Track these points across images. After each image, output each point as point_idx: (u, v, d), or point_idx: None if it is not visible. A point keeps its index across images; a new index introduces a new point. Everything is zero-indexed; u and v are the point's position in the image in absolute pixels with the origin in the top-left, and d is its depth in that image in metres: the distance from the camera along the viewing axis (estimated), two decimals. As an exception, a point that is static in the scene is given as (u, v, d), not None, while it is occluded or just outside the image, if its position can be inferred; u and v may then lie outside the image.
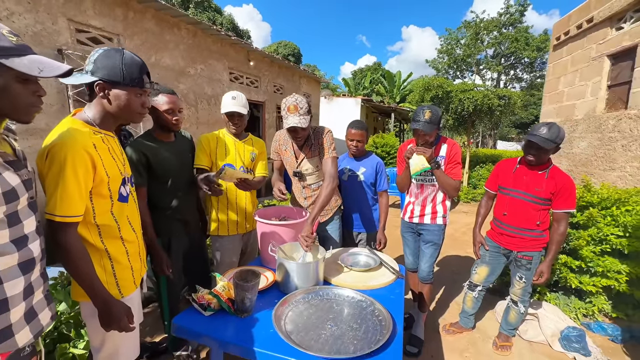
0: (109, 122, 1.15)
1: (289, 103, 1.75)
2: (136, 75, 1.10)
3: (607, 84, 4.00)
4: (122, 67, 1.07)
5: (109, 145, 1.14)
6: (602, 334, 2.42)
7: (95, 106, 1.12)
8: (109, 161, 1.11)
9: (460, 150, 2.09)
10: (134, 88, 1.11)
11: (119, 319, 1.09)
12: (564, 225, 1.94)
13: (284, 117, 1.78)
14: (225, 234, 1.97)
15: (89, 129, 1.09)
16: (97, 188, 1.07)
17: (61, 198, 0.96)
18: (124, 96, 1.10)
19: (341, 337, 1.18)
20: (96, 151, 1.05)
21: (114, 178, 1.12)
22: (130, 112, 1.14)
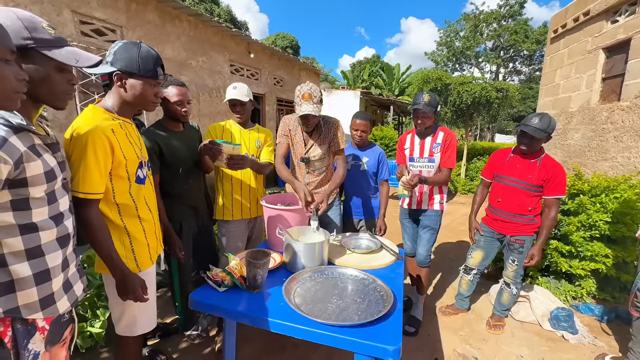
0: (125, 109, 1.26)
1: (303, 91, 1.79)
2: (151, 67, 1.20)
3: (601, 77, 4.08)
4: (139, 60, 1.17)
5: (126, 130, 1.25)
6: (590, 315, 2.56)
7: (114, 95, 1.23)
8: (127, 145, 1.21)
9: (455, 138, 2.22)
10: (148, 79, 1.21)
11: (134, 289, 1.19)
12: (555, 211, 2.05)
13: (297, 104, 1.83)
14: (230, 218, 2.04)
15: (108, 115, 1.19)
16: (115, 170, 1.18)
17: (83, 177, 1.07)
18: (139, 86, 1.20)
19: (346, 309, 1.29)
20: (114, 135, 1.16)
21: (131, 161, 1.23)
22: (144, 101, 1.24)
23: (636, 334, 1.92)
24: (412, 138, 2.30)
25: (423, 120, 2.13)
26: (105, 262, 1.16)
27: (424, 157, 2.23)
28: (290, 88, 7.87)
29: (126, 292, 1.19)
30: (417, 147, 2.26)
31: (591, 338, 2.28)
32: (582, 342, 2.24)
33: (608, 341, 2.29)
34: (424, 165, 2.24)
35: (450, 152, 2.17)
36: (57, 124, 3.10)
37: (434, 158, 2.21)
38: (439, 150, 2.19)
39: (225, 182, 2.04)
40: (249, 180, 2.08)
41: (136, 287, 1.20)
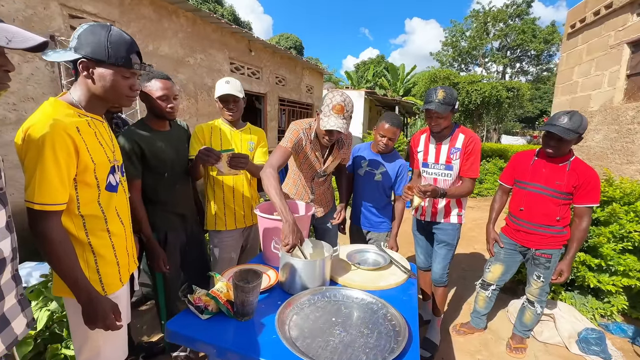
0: (95, 104, 1.06)
1: (335, 101, 1.52)
2: (123, 54, 1.00)
3: (626, 73, 3.80)
4: (108, 45, 0.97)
5: (95, 129, 1.05)
6: (622, 336, 2.31)
7: (80, 87, 1.03)
8: (95, 147, 1.02)
9: (479, 142, 1.91)
10: (120, 68, 1.00)
11: (105, 317, 1.00)
12: (587, 221, 1.82)
13: (325, 114, 1.55)
14: (223, 228, 1.85)
15: (73, 111, 1.00)
16: (81, 175, 0.98)
17: (39, 184, 0.88)
18: (109, 76, 1.00)
19: (351, 344, 1.07)
20: (79, 135, 0.96)
21: (101, 165, 1.03)
22: (117, 95, 1.05)
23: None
24: (427, 140, 2.02)
25: (437, 122, 1.84)
26: (68, 285, 0.96)
27: (439, 164, 1.96)
28: (293, 87, 7.66)
29: (94, 319, 1.00)
30: (432, 151, 1.98)
31: (627, 365, 2.03)
32: (617, 370, 1.99)
33: (646, 368, 2.04)
34: (440, 172, 1.97)
35: (474, 159, 1.88)
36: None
37: (452, 165, 1.92)
38: (458, 156, 1.89)
39: (217, 189, 1.84)
40: (243, 186, 1.89)
41: (107, 314, 1.01)
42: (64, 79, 3.11)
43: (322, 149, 1.80)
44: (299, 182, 1.91)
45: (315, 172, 1.85)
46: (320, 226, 2.06)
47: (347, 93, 1.63)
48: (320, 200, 1.98)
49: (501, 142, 24.25)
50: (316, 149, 1.77)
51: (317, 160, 1.80)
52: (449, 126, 1.89)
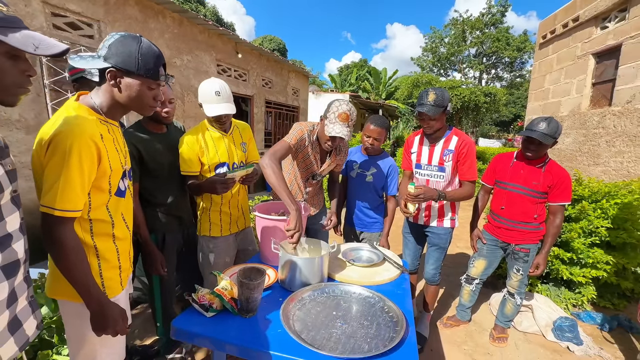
0: (116, 111, 1.08)
1: (342, 110, 1.60)
2: (152, 66, 1.03)
3: (591, 82, 4.13)
4: (138, 56, 1.00)
5: (114, 136, 1.07)
6: (591, 323, 2.50)
7: (104, 93, 1.04)
8: (113, 153, 1.04)
9: (473, 145, 1.94)
10: (147, 79, 1.03)
11: (115, 323, 1.01)
12: (560, 218, 1.98)
13: (330, 121, 1.62)
14: (218, 234, 1.81)
15: (95, 117, 1.01)
16: (98, 181, 0.99)
17: (62, 190, 0.88)
18: (136, 86, 1.02)
19: (353, 335, 1.13)
20: (102, 142, 0.98)
21: (116, 171, 1.05)
22: (141, 104, 1.07)
23: (646, 346, 1.86)
24: (421, 141, 2.06)
25: (429, 124, 1.88)
26: (79, 292, 0.96)
27: (432, 165, 2.00)
28: (279, 90, 7.69)
29: (105, 326, 0.99)
30: (425, 152, 2.02)
31: (597, 349, 2.20)
32: (588, 354, 2.17)
33: (613, 352, 2.22)
34: (433, 174, 2.01)
35: (470, 162, 1.91)
36: (23, 125, 2.82)
37: (444, 167, 1.96)
38: (450, 158, 1.93)
39: (213, 195, 1.77)
40: (238, 191, 1.86)
41: (117, 320, 1.01)
42: (47, 78, 3.01)
43: (321, 152, 1.86)
44: (294, 182, 1.96)
45: (312, 173, 1.91)
46: (311, 226, 2.11)
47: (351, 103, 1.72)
48: (312, 200, 2.05)
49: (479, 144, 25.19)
50: (316, 151, 1.84)
51: (315, 162, 1.87)
52: (442, 128, 1.92)
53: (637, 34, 3.54)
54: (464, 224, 5.32)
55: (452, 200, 1.96)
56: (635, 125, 3.57)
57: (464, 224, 5.32)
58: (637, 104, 3.55)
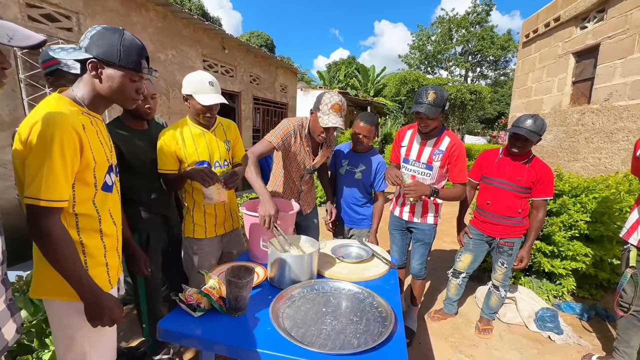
0: (98, 103, 1.06)
1: (334, 101, 1.65)
2: (134, 58, 1.02)
3: (571, 80, 4.26)
4: (120, 48, 0.99)
5: (97, 128, 1.05)
6: (571, 313, 2.60)
7: (86, 85, 1.02)
8: (97, 145, 1.02)
9: (463, 148, 1.94)
10: (129, 71, 1.02)
11: (111, 311, 1.00)
12: (543, 212, 2.04)
13: (323, 112, 1.66)
14: (203, 236, 1.74)
15: (77, 108, 0.99)
16: (81, 174, 0.97)
17: (47, 180, 0.86)
18: (118, 78, 1.01)
19: (343, 331, 1.14)
20: (85, 133, 0.96)
21: (100, 164, 1.03)
22: (123, 96, 1.06)
23: (621, 333, 1.95)
24: (413, 136, 2.04)
25: (426, 123, 1.85)
26: (72, 283, 0.94)
27: (420, 162, 1.99)
28: (267, 86, 7.62)
29: (100, 315, 0.98)
30: (415, 148, 2.01)
31: (576, 338, 2.30)
32: (568, 343, 2.25)
33: (591, 339, 2.32)
34: (420, 171, 2.00)
35: (461, 165, 1.92)
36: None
37: (432, 166, 1.95)
38: (439, 158, 1.92)
39: (197, 197, 1.69)
40: None
41: (112, 308, 1.00)
42: (22, 72, 2.88)
43: (313, 145, 1.88)
44: (288, 181, 1.97)
45: (304, 169, 1.92)
46: (304, 223, 2.11)
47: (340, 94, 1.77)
48: (306, 198, 2.06)
49: (464, 141, 25.69)
50: (307, 145, 1.85)
51: (308, 155, 1.89)
52: (437, 127, 1.91)
53: (614, 34, 3.67)
54: (450, 219, 5.43)
55: (444, 198, 1.97)
56: (612, 122, 3.71)
57: (450, 219, 5.43)
58: (614, 101, 3.69)
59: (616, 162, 3.66)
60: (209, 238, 1.75)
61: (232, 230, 1.88)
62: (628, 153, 3.52)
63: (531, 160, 2.00)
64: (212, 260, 1.81)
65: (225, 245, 1.89)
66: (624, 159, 3.58)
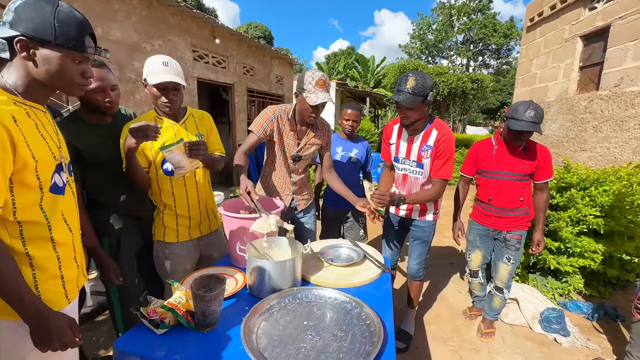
0: (36, 91, 0.90)
1: (317, 77, 1.61)
2: (74, 35, 0.86)
3: (579, 65, 4.04)
4: (54, 22, 0.83)
5: (37, 120, 0.89)
6: (578, 312, 2.46)
7: (17, 69, 0.86)
8: (37, 141, 0.87)
9: (452, 140, 1.71)
10: (69, 50, 0.86)
11: (61, 334, 0.87)
12: (547, 193, 2.01)
13: (309, 91, 1.59)
14: (174, 240, 1.57)
15: (7, 97, 0.84)
16: (19, 175, 0.83)
17: None
18: (56, 60, 0.85)
19: (324, 350, 1.00)
20: (17, 126, 0.81)
21: (44, 163, 0.88)
22: (66, 82, 0.90)
23: (635, 337, 1.79)
24: (399, 132, 1.86)
25: (406, 114, 1.64)
26: (11, 303, 0.81)
27: (410, 160, 1.82)
28: (262, 78, 7.40)
29: (49, 339, 0.85)
30: (403, 145, 1.84)
31: (584, 340, 2.16)
32: (575, 345, 2.12)
33: (600, 342, 2.18)
34: (410, 169, 1.85)
35: (447, 159, 1.70)
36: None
37: (422, 163, 1.78)
38: (429, 154, 1.74)
39: (166, 198, 1.52)
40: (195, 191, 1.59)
41: (63, 330, 0.87)
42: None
43: (299, 131, 1.80)
44: (279, 172, 1.87)
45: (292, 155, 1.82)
46: (299, 219, 2.00)
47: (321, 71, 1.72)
48: (300, 191, 1.94)
49: (466, 132, 25.42)
50: (291, 129, 1.78)
51: (292, 140, 1.80)
52: (422, 118, 1.70)
53: (627, 14, 3.44)
54: (450, 213, 5.28)
55: (414, 203, 1.79)
56: (622, 109, 3.51)
57: (450, 213, 5.28)
58: (625, 87, 3.48)
59: (627, 152, 3.47)
60: (181, 242, 1.60)
61: (209, 233, 1.71)
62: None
63: (529, 145, 1.92)
64: (187, 265, 1.65)
65: (203, 248, 1.73)
66: (635, 148, 3.39)
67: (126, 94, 4.09)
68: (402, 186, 1.96)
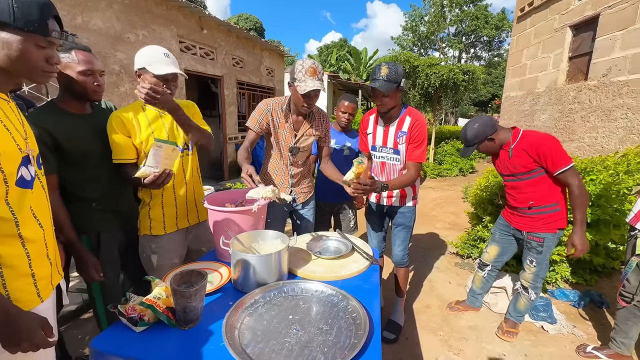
0: None
1: (307, 65, 1.59)
2: (35, 17, 0.80)
3: (568, 56, 4.05)
4: (12, 3, 0.77)
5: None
6: (565, 300, 2.50)
7: None
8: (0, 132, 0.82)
9: (425, 125, 1.82)
10: (32, 34, 0.81)
11: (31, 334, 0.82)
12: (575, 185, 1.69)
13: (300, 80, 1.58)
14: (162, 232, 1.55)
15: None
16: None
17: None
18: (16, 44, 0.80)
19: (309, 344, 0.97)
20: None
21: (8, 155, 0.83)
22: (29, 68, 0.85)
23: (620, 323, 1.83)
24: (376, 121, 1.94)
25: (382, 101, 1.74)
26: None
27: (387, 147, 1.90)
28: (252, 70, 7.27)
29: (17, 340, 0.81)
30: (380, 133, 1.91)
31: (570, 327, 2.19)
32: (562, 332, 2.15)
33: (585, 328, 2.22)
34: (388, 157, 1.92)
35: (420, 143, 1.79)
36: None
37: (399, 150, 1.85)
38: (404, 140, 1.82)
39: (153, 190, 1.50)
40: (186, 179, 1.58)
41: (33, 330, 0.83)
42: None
43: (295, 122, 1.79)
44: (278, 167, 1.87)
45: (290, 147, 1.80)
46: (297, 211, 2.00)
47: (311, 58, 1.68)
48: (299, 184, 1.93)
49: (458, 124, 25.55)
50: (287, 121, 1.78)
51: (289, 132, 1.78)
52: (396, 106, 1.80)
53: (615, 3, 3.44)
54: (441, 205, 5.32)
55: (395, 188, 1.84)
56: (610, 99, 3.54)
57: (441, 205, 5.32)
58: (613, 77, 3.50)
59: (614, 142, 3.51)
60: (169, 234, 1.57)
61: (197, 224, 1.69)
62: (626, 132, 3.37)
63: (515, 145, 1.80)
64: (175, 259, 1.62)
65: (192, 242, 1.71)
66: (621, 137, 3.43)
67: (109, 86, 3.96)
68: (381, 174, 2.00)
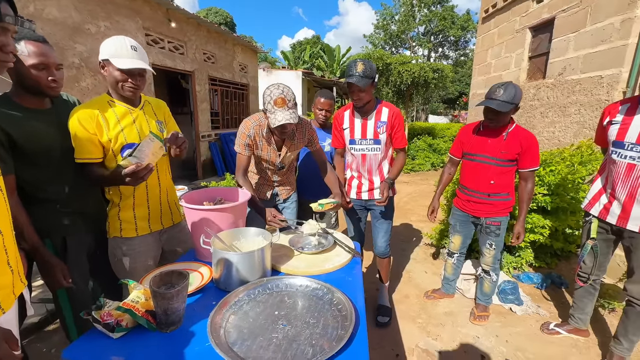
0: None
1: (275, 96, 1.50)
2: None
3: (528, 55, 4.33)
4: None
5: None
6: (529, 283, 2.69)
7: None
8: None
9: (401, 113, 2.00)
10: None
11: None
12: (532, 183, 1.95)
13: (270, 112, 1.52)
14: (133, 234, 1.47)
15: None
16: None
17: None
18: None
19: (296, 338, 0.98)
20: None
21: None
22: None
23: (577, 301, 2.00)
24: (352, 116, 2.00)
25: (359, 96, 1.83)
26: None
27: (367, 139, 1.97)
28: (224, 65, 7.07)
29: None
30: (358, 126, 1.98)
31: (535, 307, 2.37)
32: (528, 313, 2.32)
33: (548, 307, 2.41)
34: (369, 147, 1.99)
35: (402, 130, 1.99)
36: None
37: (379, 139, 1.96)
38: (384, 129, 1.94)
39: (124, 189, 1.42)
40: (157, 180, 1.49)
41: None
42: None
43: (277, 141, 1.78)
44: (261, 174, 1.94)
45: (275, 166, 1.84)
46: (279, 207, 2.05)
47: (283, 83, 1.60)
48: (282, 182, 1.98)
49: (428, 121, 26.49)
50: (269, 142, 1.77)
51: (273, 152, 1.80)
52: (371, 100, 1.91)
53: (568, 7, 3.73)
54: (416, 198, 5.51)
55: (396, 177, 2.03)
56: (565, 96, 3.83)
57: (416, 198, 5.51)
58: (567, 75, 3.80)
59: (569, 135, 3.81)
60: (141, 236, 1.49)
61: (172, 226, 1.62)
62: (579, 126, 3.67)
63: (511, 131, 1.90)
64: (149, 261, 1.54)
65: (166, 243, 1.63)
66: (575, 132, 3.73)
67: (69, 80, 3.68)
68: (362, 166, 2.05)
